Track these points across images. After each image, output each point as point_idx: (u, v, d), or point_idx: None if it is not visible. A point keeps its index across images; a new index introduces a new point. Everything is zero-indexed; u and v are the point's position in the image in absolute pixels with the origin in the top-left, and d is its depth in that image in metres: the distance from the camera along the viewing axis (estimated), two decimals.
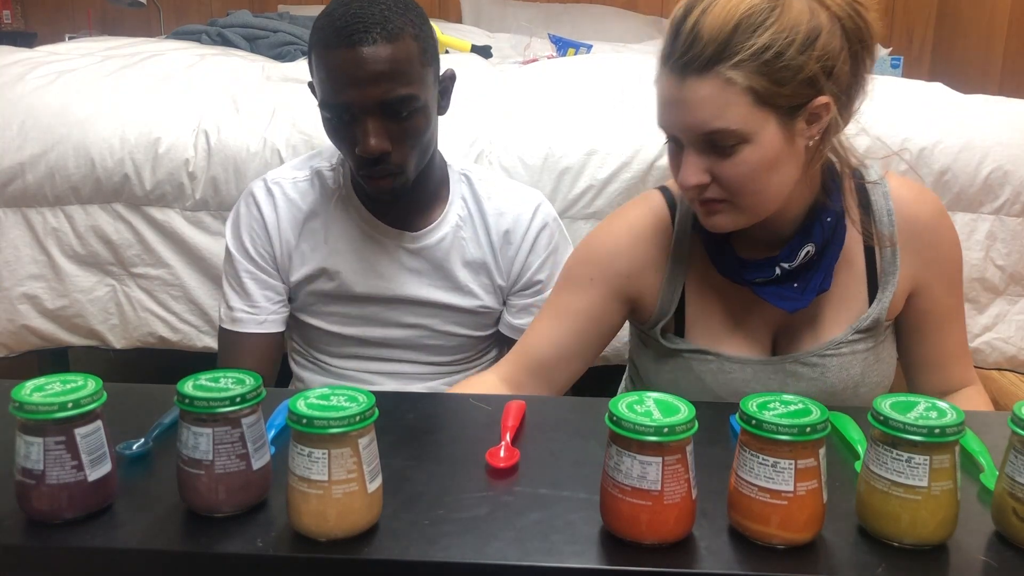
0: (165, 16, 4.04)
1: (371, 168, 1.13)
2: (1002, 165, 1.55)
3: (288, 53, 2.34)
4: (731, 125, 0.91)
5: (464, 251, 1.27)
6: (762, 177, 0.94)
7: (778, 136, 0.93)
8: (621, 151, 1.52)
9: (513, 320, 1.30)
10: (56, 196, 1.56)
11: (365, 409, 0.66)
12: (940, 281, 1.08)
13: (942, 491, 0.66)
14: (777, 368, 1.06)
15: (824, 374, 1.06)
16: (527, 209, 1.28)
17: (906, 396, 0.70)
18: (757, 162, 0.93)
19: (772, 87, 0.90)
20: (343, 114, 1.11)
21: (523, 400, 0.93)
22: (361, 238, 1.25)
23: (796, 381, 1.06)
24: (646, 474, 0.65)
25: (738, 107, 0.90)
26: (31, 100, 1.60)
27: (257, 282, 1.26)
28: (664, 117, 0.97)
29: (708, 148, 0.94)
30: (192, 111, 1.58)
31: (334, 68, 1.09)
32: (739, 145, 0.92)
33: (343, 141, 1.14)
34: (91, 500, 0.70)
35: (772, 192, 0.96)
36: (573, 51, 2.64)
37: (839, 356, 1.06)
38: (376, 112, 1.10)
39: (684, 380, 1.08)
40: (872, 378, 1.08)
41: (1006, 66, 3.30)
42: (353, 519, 0.67)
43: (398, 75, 1.09)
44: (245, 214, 1.27)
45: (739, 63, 0.89)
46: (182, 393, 0.68)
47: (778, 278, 1.02)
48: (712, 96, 0.90)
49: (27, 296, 1.58)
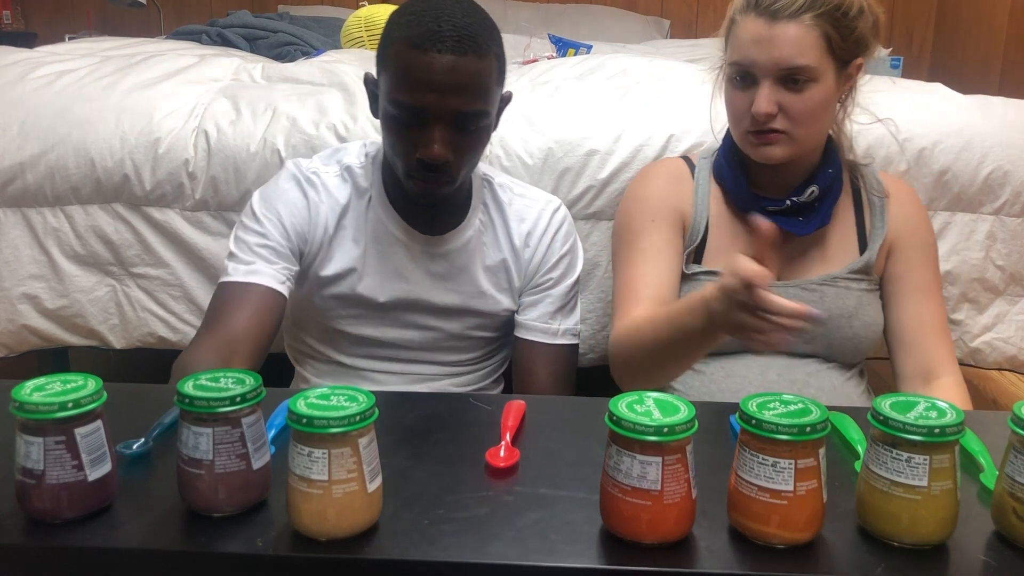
0: (165, 16, 4.04)
1: (427, 173, 1.13)
2: (1002, 165, 1.55)
3: (288, 53, 2.34)
4: (810, 63, 1.12)
5: (485, 255, 1.28)
6: (820, 114, 1.16)
7: (833, 82, 1.16)
8: (621, 151, 1.52)
9: (520, 317, 1.30)
10: (56, 196, 1.56)
11: (365, 409, 0.66)
12: (917, 252, 1.26)
13: (942, 491, 0.66)
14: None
15: (822, 299, 1.21)
16: (546, 214, 1.30)
17: (906, 396, 0.70)
18: (820, 100, 1.15)
19: (838, 38, 1.13)
20: (414, 116, 1.10)
21: (523, 400, 0.93)
22: (388, 240, 1.24)
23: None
24: (646, 474, 0.65)
25: (816, 49, 1.13)
26: (31, 100, 1.60)
27: (267, 249, 1.19)
28: (748, 52, 1.15)
29: (783, 83, 1.14)
30: (192, 111, 1.58)
31: (418, 69, 1.08)
32: (809, 82, 1.13)
33: (403, 141, 1.12)
34: (91, 500, 0.70)
35: (821, 128, 1.20)
36: (573, 51, 2.64)
37: (835, 287, 1.23)
38: (448, 121, 1.10)
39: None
40: (864, 316, 1.22)
41: (1006, 66, 3.30)
42: (353, 519, 0.67)
43: (478, 90, 1.10)
44: (288, 190, 1.22)
45: (821, 14, 1.12)
46: (182, 393, 0.68)
47: (786, 209, 1.21)
48: (800, 37, 1.12)
49: (27, 296, 1.58)
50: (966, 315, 1.60)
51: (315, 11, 3.48)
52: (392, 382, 1.30)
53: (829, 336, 1.21)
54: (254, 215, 1.22)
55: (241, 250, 1.20)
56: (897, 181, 1.32)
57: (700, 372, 1.23)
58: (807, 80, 1.13)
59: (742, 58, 1.15)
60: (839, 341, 1.21)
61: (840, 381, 1.22)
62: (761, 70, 1.14)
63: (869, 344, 1.24)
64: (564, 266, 1.30)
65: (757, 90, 1.15)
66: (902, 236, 1.26)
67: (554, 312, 1.29)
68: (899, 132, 1.44)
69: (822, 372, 1.22)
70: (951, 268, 1.57)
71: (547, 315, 1.29)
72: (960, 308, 1.59)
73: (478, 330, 1.31)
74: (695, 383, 1.23)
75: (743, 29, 1.15)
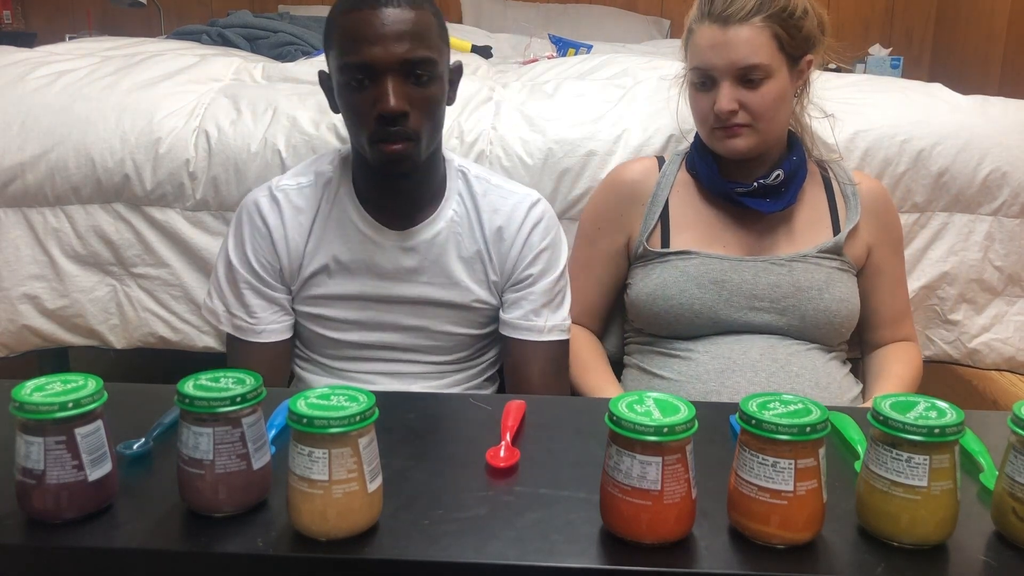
0: (165, 16, 4.04)
1: (387, 131, 1.15)
2: (1000, 166, 1.54)
3: (288, 53, 2.34)
4: (764, 60, 1.23)
5: (460, 247, 1.27)
6: (778, 106, 1.26)
7: (787, 77, 1.27)
8: (621, 152, 1.52)
9: (504, 315, 1.30)
10: (56, 196, 1.56)
11: (365, 409, 0.66)
12: (890, 246, 1.38)
13: (942, 491, 0.66)
14: (750, 265, 1.31)
15: (792, 272, 1.29)
16: (521, 207, 1.29)
17: (906, 396, 0.70)
18: (775, 94, 1.25)
19: (787, 37, 1.24)
20: (363, 75, 1.13)
21: (523, 400, 0.93)
22: (357, 237, 1.25)
23: (767, 275, 1.29)
24: (646, 474, 0.65)
25: (768, 48, 1.23)
26: (31, 100, 1.60)
27: (256, 293, 1.27)
28: (706, 57, 1.25)
29: (740, 81, 1.24)
30: (192, 111, 1.58)
31: (358, 27, 1.12)
32: (765, 79, 1.24)
33: (360, 106, 1.15)
34: (91, 500, 0.70)
35: (781, 120, 1.30)
36: (573, 51, 2.64)
37: (805, 263, 1.30)
38: (397, 71, 1.13)
39: (669, 276, 1.30)
40: (836, 292, 1.29)
41: (1006, 66, 3.30)
42: (353, 519, 0.67)
43: (420, 37, 1.14)
44: (248, 225, 1.27)
45: (770, 15, 1.22)
46: (182, 393, 0.68)
47: (754, 191, 1.30)
48: (751, 38, 1.22)
49: (27, 296, 1.58)
50: (964, 316, 1.60)
51: (315, 11, 3.47)
52: (382, 383, 1.30)
53: (801, 308, 1.28)
54: (228, 260, 1.28)
55: (228, 295, 1.29)
56: (869, 178, 1.43)
57: (685, 358, 1.29)
58: (762, 77, 1.23)
59: (701, 63, 1.26)
60: (811, 313, 1.28)
61: (822, 361, 1.28)
62: (720, 72, 1.24)
63: (843, 320, 1.31)
64: (544, 262, 1.29)
65: (718, 91, 1.25)
66: (876, 233, 1.36)
67: (539, 308, 1.28)
68: (840, 129, 1.51)
69: (803, 352, 1.28)
70: (949, 269, 1.57)
71: (531, 312, 1.28)
72: (958, 309, 1.59)
73: (460, 326, 1.30)
74: (682, 368, 1.28)
75: (700, 36, 1.26)
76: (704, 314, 1.28)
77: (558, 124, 1.56)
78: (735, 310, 1.28)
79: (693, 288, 1.28)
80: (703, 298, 1.28)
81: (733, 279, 1.29)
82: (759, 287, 1.29)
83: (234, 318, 1.28)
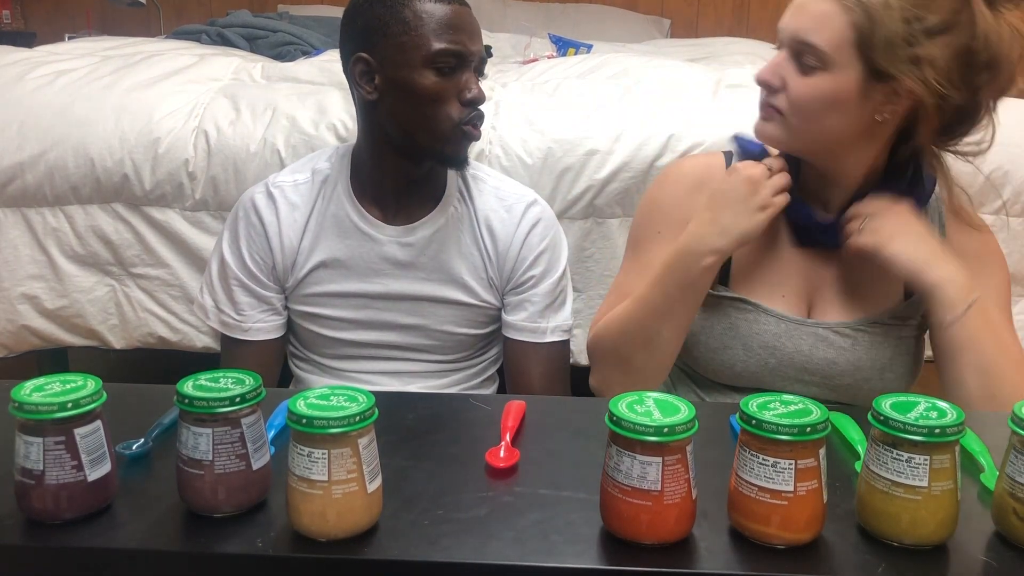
0: (165, 16, 4.04)
1: (481, 113, 1.21)
2: (1002, 165, 1.54)
3: (288, 53, 2.34)
4: (821, 44, 0.98)
5: (459, 244, 1.27)
6: (821, 109, 1.00)
7: (855, 85, 0.99)
8: (621, 151, 1.52)
9: (507, 317, 1.30)
10: (56, 196, 1.56)
11: (365, 409, 0.66)
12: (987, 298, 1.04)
13: (942, 491, 0.65)
14: (811, 331, 1.10)
15: (855, 347, 1.09)
16: (518, 207, 1.29)
17: (906, 396, 0.70)
18: (824, 93, 0.99)
19: (875, 39, 0.96)
20: (456, 61, 1.17)
21: (523, 400, 0.93)
22: (356, 232, 1.26)
23: (827, 347, 1.10)
24: (646, 474, 0.65)
25: (837, 34, 0.97)
26: (31, 100, 1.60)
27: (246, 291, 1.27)
28: (784, 16, 1.03)
29: (795, 58, 1.01)
30: (192, 111, 1.58)
31: (454, 18, 1.17)
32: (818, 69, 0.99)
33: (445, 91, 1.18)
34: (91, 500, 0.70)
35: (822, 129, 1.02)
36: (573, 51, 2.63)
37: (871, 334, 1.10)
38: (477, 64, 1.21)
39: (719, 325, 1.12)
40: (900, 366, 1.11)
41: None
42: (353, 519, 0.67)
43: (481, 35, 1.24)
44: (243, 221, 1.27)
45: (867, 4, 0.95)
46: (182, 393, 0.68)
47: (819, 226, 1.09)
48: (825, 13, 0.98)
49: (27, 296, 1.58)
50: None
51: (315, 11, 3.47)
52: (382, 382, 1.30)
53: (855, 388, 1.10)
54: (222, 257, 1.29)
55: (219, 291, 1.29)
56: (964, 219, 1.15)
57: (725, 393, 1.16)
58: (817, 65, 0.99)
59: (780, 23, 1.04)
60: (866, 394, 1.08)
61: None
62: (783, 36, 1.03)
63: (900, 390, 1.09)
64: (544, 263, 1.29)
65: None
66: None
67: (542, 311, 1.29)
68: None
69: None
70: None
71: (535, 315, 1.28)
72: None
73: (460, 325, 1.30)
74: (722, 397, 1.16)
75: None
76: (745, 377, 1.12)
77: (558, 123, 1.56)
78: (780, 380, 1.11)
79: (739, 349, 1.11)
80: (748, 362, 1.11)
81: (787, 347, 1.10)
82: (813, 360, 1.10)
83: (222, 314, 1.28)
